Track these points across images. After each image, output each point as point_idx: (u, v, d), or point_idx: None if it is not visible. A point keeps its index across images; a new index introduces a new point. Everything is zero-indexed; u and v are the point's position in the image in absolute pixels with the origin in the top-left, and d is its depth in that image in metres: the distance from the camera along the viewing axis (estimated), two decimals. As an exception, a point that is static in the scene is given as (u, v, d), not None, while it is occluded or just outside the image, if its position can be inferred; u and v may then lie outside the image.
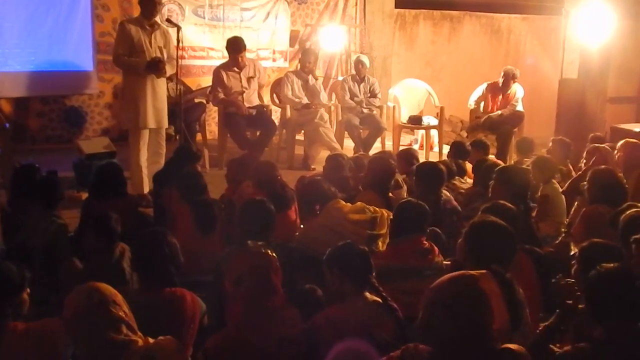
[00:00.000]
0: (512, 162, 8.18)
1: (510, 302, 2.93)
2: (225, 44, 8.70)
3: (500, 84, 9.15)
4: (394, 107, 9.65)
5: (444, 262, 4.15)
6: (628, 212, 4.47)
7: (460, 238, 3.62)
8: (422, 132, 9.92)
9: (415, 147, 10.15)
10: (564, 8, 9.44)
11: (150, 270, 3.52)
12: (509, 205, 4.15)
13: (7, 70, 8.56)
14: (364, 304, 3.47)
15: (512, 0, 12.25)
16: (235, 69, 8.46)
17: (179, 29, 6.96)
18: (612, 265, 3.12)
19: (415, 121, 9.62)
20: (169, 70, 7.07)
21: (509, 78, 9.09)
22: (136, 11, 7.15)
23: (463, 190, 6.08)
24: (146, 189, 7.04)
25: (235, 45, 8.42)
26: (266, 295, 3.41)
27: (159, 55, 6.98)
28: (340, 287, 3.53)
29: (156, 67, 6.89)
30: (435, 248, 4.18)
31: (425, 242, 4.16)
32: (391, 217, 4.50)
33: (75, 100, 9.23)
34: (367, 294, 3.51)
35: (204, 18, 9.88)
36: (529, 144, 7.63)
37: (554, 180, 6.16)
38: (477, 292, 2.47)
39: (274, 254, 3.72)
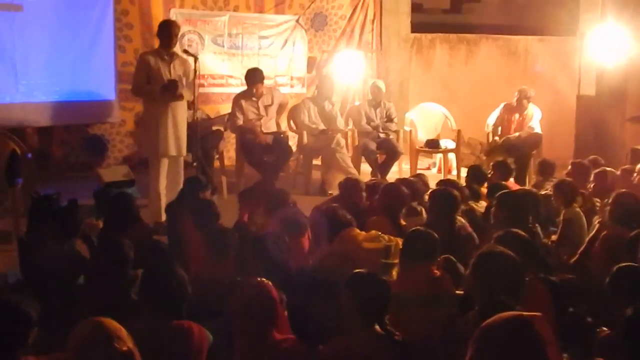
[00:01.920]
0: (531, 184, 8.18)
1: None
2: (244, 71, 8.90)
3: (515, 104, 9.19)
4: (410, 131, 9.69)
5: (457, 292, 4.12)
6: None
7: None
8: (440, 155, 9.94)
9: (434, 170, 10.22)
10: (579, 30, 9.45)
11: (158, 302, 3.53)
12: (522, 233, 4.16)
13: (33, 100, 8.75)
14: (371, 337, 3.42)
15: (527, 22, 12.26)
16: (253, 98, 8.60)
17: (196, 59, 7.08)
18: None
19: (433, 145, 9.65)
20: (187, 95, 7.17)
21: (522, 97, 9.16)
22: (157, 42, 7.28)
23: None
24: (164, 217, 7.11)
25: (252, 77, 8.65)
26: (269, 328, 3.42)
27: None
28: (352, 317, 3.48)
29: (172, 88, 6.98)
30: (447, 276, 4.18)
31: (436, 270, 4.17)
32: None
33: (98, 128, 9.41)
34: (377, 327, 3.46)
35: (223, 47, 10.02)
36: (551, 166, 7.59)
37: (575, 204, 6.09)
38: (534, 337, 2.36)
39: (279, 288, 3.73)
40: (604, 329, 3.36)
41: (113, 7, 9.11)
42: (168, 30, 7.15)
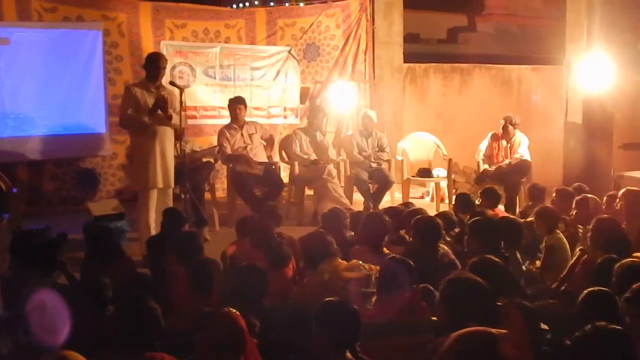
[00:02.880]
0: (520, 211, 8.19)
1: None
2: (235, 104, 8.92)
3: (501, 131, 9.27)
4: (402, 160, 9.69)
5: (434, 319, 4.14)
6: (623, 262, 4.45)
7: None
8: (433, 184, 9.93)
9: (427, 199, 10.21)
10: (565, 59, 9.51)
11: (130, 334, 3.55)
12: (495, 259, 4.15)
13: (22, 135, 8.77)
14: None
15: (519, 53, 12.33)
16: (235, 125, 8.65)
17: (182, 90, 7.09)
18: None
19: (424, 174, 9.65)
20: (175, 119, 7.15)
21: (507, 123, 9.23)
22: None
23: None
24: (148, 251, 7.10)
25: (232, 101, 8.78)
26: (238, 358, 3.40)
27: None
28: (323, 345, 3.52)
29: (161, 104, 6.98)
30: (424, 304, 4.16)
31: (412, 298, 4.16)
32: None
33: (89, 162, 9.42)
34: (348, 354, 3.49)
35: (215, 78, 10.06)
36: (541, 191, 7.61)
37: (557, 231, 6.13)
38: (493, 353, 2.45)
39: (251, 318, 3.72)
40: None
41: (102, 39, 9.17)
42: (155, 63, 7.18)
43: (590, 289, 3.77)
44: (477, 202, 7.19)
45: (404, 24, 11.24)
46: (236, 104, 8.70)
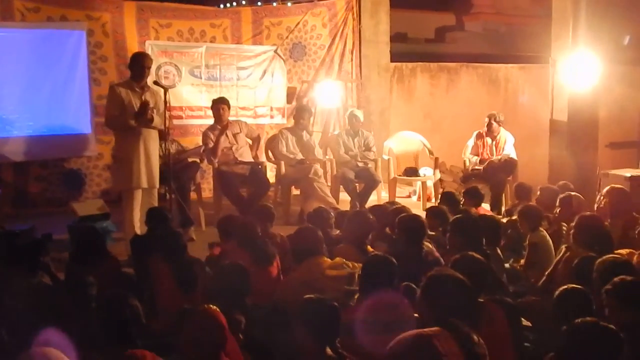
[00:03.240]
0: (506, 209, 8.23)
1: (469, 357, 2.94)
2: (223, 103, 8.90)
3: (486, 129, 9.34)
4: (388, 159, 9.69)
5: (416, 316, 4.13)
6: (604, 258, 4.47)
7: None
8: (419, 183, 9.93)
9: (414, 198, 10.21)
10: (551, 57, 9.52)
11: (111, 333, 3.58)
12: (478, 256, 4.16)
13: (6, 135, 8.71)
14: None
15: (506, 52, 12.36)
16: (219, 126, 8.63)
17: (166, 90, 7.07)
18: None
19: (411, 173, 9.66)
20: (158, 122, 7.14)
21: (491, 120, 9.32)
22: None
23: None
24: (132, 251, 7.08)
25: (215, 102, 8.77)
26: (218, 354, 3.40)
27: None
28: (304, 342, 3.52)
29: (144, 111, 6.95)
30: (406, 302, 4.16)
31: (395, 296, 4.15)
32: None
33: (74, 162, 9.36)
34: (329, 351, 3.49)
35: (201, 78, 10.02)
36: (527, 190, 7.65)
37: (541, 228, 6.15)
38: (432, 352, 2.49)
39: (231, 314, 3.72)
40: (551, 353, 3.33)
41: (87, 39, 9.11)
42: (140, 63, 7.15)
43: (564, 287, 3.78)
44: (460, 201, 7.20)
45: (391, 24, 11.23)
46: (219, 104, 8.68)
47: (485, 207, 8.09)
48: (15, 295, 4.72)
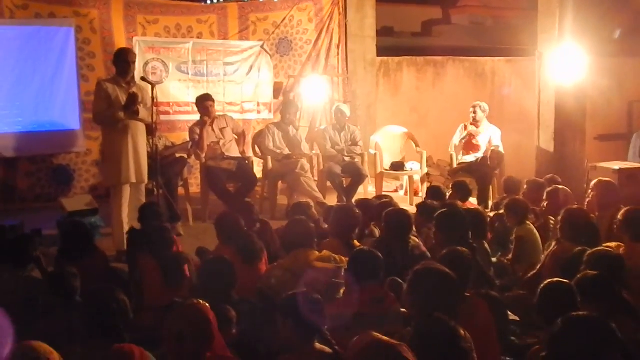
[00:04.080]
0: (493, 203, 8.26)
1: (453, 350, 2.98)
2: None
3: (470, 120, 9.40)
4: (375, 154, 9.73)
5: (402, 310, 4.18)
6: (593, 250, 4.51)
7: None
8: (406, 177, 9.97)
9: (401, 193, 10.25)
10: (537, 50, 9.57)
11: (98, 327, 3.59)
12: (463, 250, 4.20)
13: (-6, 132, 8.72)
14: (313, 355, 3.48)
15: (493, 45, 12.40)
16: (206, 117, 8.67)
17: (153, 86, 7.08)
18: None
19: (397, 167, 9.69)
20: (146, 116, 7.14)
21: (475, 109, 9.36)
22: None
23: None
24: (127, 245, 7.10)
25: (200, 99, 8.82)
26: (205, 349, 3.41)
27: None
28: (291, 336, 3.55)
29: (133, 102, 6.95)
30: (392, 296, 4.21)
31: (380, 289, 4.20)
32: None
33: (63, 158, 9.35)
34: (317, 344, 3.53)
35: (188, 74, 10.03)
36: (516, 184, 7.67)
37: (528, 222, 6.20)
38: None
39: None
40: (537, 346, 3.38)
41: (75, 36, 9.12)
42: (123, 58, 7.14)
43: (549, 281, 3.82)
44: (447, 194, 7.24)
45: (377, 18, 11.25)
46: (206, 101, 8.70)
47: (473, 202, 8.14)
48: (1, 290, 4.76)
